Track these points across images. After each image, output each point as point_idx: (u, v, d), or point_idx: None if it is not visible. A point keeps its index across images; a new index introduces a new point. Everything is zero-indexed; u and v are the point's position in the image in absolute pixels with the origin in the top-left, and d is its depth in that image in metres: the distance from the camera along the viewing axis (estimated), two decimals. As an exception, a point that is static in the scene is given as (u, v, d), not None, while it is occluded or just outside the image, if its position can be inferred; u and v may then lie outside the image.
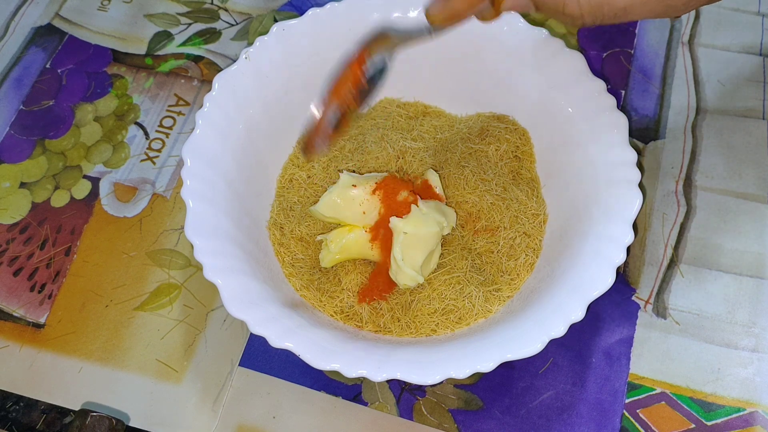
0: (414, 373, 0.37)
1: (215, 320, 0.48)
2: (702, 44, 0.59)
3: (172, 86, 0.58)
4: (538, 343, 0.37)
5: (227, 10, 0.62)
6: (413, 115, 0.51)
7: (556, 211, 0.47)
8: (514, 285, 0.45)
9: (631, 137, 0.43)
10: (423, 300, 0.44)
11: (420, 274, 0.43)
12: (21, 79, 0.58)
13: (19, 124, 0.56)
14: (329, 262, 0.45)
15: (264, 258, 0.45)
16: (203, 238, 0.40)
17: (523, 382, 0.46)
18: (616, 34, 0.59)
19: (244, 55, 0.46)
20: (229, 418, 0.45)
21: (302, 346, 0.38)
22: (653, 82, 0.57)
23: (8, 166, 0.54)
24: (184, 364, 0.47)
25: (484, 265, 0.45)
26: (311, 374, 0.46)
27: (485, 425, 0.45)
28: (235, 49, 0.59)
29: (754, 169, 0.53)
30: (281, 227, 0.47)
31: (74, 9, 0.62)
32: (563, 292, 0.40)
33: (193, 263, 0.50)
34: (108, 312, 0.49)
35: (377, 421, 0.45)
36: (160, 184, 0.54)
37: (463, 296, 0.44)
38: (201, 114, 0.44)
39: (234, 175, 0.45)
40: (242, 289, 0.40)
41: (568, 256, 0.42)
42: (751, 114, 0.55)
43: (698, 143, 0.54)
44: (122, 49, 0.60)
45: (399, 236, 0.42)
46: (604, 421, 0.45)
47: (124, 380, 0.47)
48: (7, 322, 0.49)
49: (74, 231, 0.52)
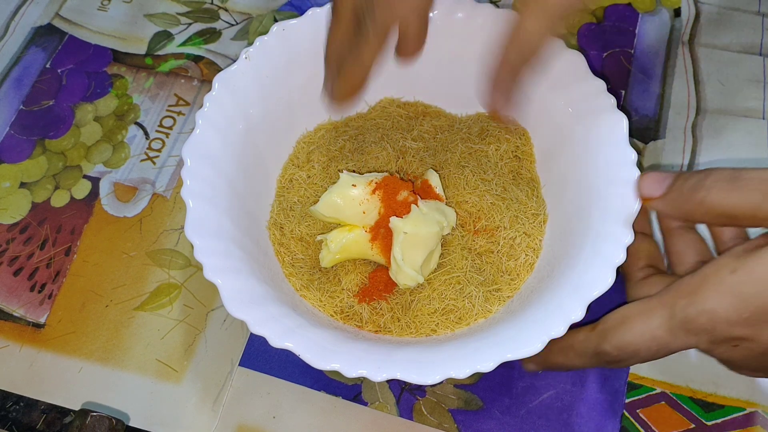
0: (414, 373, 0.37)
1: (215, 320, 0.48)
2: (702, 44, 0.59)
3: (172, 86, 0.58)
4: (538, 343, 0.37)
5: (227, 10, 0.62)
6: (413, 115, 0.51)
7: (556, 211, 0.46)
8: (514, 285, 0.45)
9: (631, 137, 0.43)
10: (423, 300, 0.44)
11: (420, 274, 0.43)
12: (21, 79, 0.58)
13: (19, 124, 0.56)
14: (329, 262, 0.45)
15: (264, 258, 0.45)
16: (203, 238, 0.40)
17: (523, 382, 0.46)
18: (616, 34, 0.59)
19: (244, 55, 0.46)
20: (229, 418, 0.45)
21: (302, 346, 0.38)
22: (653, 82, 0.57)
23: (8, 166, 0.54)
24: (184, 364, 0.47)
25: (484, 265, 0.45)
26: (311, 374, 0.46)
27: (485, 425, 0.45)
28: (235, 49, 0.59)
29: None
30: (281, 227, 0.47)
31: (74, 9, 0.62)
32: (563, 292, 0.39)
33: (193, 263, 0.50)
34: (108, 312, 0.49)
35: (377, 421, 0.45)
36: (160, 184, 0.54)
37: (464, 296, 0.44)
38: (201, 114, 0.44)
39: (234, 175, 0.44)
40: (242, 289, 0.40)
41: (568, 256, 0.42)
42: (751, 114, 0.55)
43: (698, 143, 0.54)
44: (122, 49, 0.60)
45: (399, 236, 0.42)
46: (604, 421, 0.45)
47: (124, 380, 0.47)
48: (7, 322, 0.49)
49: (74, 231, 0.52)
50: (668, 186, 0.38)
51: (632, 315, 0.38)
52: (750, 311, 0.35)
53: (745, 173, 0.36)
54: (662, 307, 0.37)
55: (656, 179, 0.39)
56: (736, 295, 0.35)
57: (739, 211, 0.36)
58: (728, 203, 0.36)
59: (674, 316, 0.36)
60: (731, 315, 0.35)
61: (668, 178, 0.39)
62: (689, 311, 0.36)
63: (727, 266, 0.36)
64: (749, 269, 0.35)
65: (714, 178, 0.37)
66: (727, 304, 0.35)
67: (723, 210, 0.36)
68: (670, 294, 0.37)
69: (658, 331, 0.37)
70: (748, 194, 0.36)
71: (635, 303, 0.39)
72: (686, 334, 0.37)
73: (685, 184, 0.38)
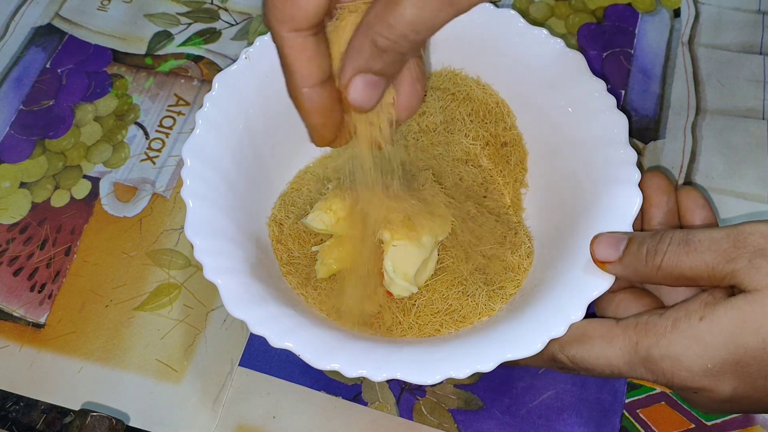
0: (414, 373, 0.37)
1: (215, 320, 0.48)
2: (702, 44, 0.59)
3: (172, 86, 0.58)
4: (538, 343, 0.37)
5: (227, 10, 0.62)
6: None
7: (556, 211, 0.46)
8: (515, 283, 0.45)
9: (631, 137, 0.43)
10: (425, 302, 0.44)
11: (413, 285, 0.43)
12: (21, 79, 0.58)
13: (19, 124, 0.56)
14: (324, 273, 0.44)
15: (264, 257, 0.45)
16: (203, 238, 0.40)
17: (523, 382, 0.46)
18: (616, 34, 0.59)
19: (244, 55, 0.46)
20: (229, 418, 0.45)
21: (302, 346, 0.38)
22: (653, 82, 0.57)
23: (8, 166, 0.54)
24: (184, 364, 0.47)
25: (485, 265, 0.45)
26: (311, 374, 0.46)
27: (485, 425, 0.45)
28: (235, 49, 0.59)
29: (754, 169, 0.53)
30: (280, 224, 0.47)
31: (74, 9, 0.62)
32: (563, 292, 0.39)
33: (193, 263, 0.50)
34: (108, 312, 0.49)
35: (377, 421, 0.45)
36: (160, 184, 0.54)
37: (466, 296, 0.44)
38: (201, 114, 0.44)
39: (234, 175, 0.44)
40: (242, 289, 0.40)
41: (568, 255, 0.42)
42: (751, 114, 0.55)
43: (698, 143, 0.54)
44: (122, 49, 0.60)
45: (389, 248, 0.42)
46: (604, 421, 0.45)
47: (124, 380, 0.47)
48: (7, 322, 0.49)
49: (74, 231, 0.52)
50: (623, 250, 0.38)
51: (593, 335, 0.38)
52: (713, 362, 0.35)
53: (696, 235, 0.36)
54: (626, 339, 0.37)
55: (610, 243, 0.39)
56: (701, 344, 0.35)
57: (696, 274, 0.36)
58: (685, 267, 0.36)
59: (637, 352, 0.37)
60: (694, 364, 0.35)
61: (622, 241, 0.39)
62: (653, 353, 0.36)
63: (697, 313, 0.36)
64: (716, 319, 0.35)
65: (667, 242, 0.37)
66: (691, 352, 0.35)
67: (680, 273, 0.37)
68: (637, 330, 0.37)
69: (616, 361, 0.37)
70: (702, 256, 0.36)
71: (599, 322, 0.39)
72: (646, 371, 0.37)
73: (640, 249, 0.38)
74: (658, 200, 0.43)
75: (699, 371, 0.35)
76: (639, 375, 0.37)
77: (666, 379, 0.36)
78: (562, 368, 0.40)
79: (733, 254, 0.35)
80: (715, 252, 0.36)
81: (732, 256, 0.35)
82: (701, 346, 0.35)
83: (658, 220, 0.43)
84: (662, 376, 0.36)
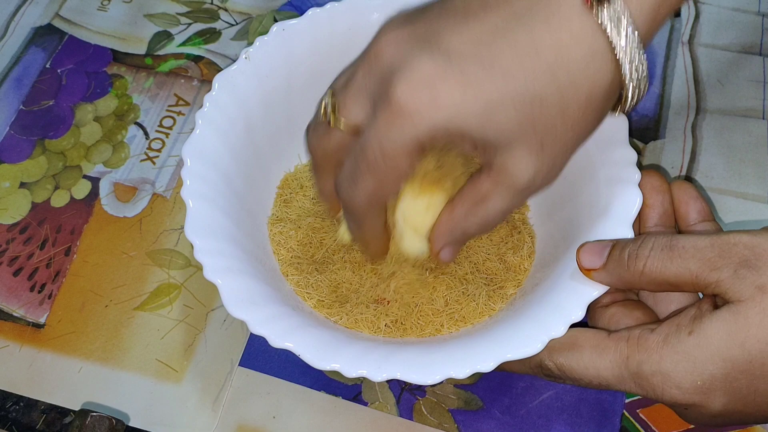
0: (414, 373, 0.37)
1: (215, 320, 0.48)
2: (702, 44, 0.59)
3: (172, 86, 0.58)
4: (538, 343, 0.37)
5: (227, 10, 0.62)
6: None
7: (556, 211, 0.46)
8: (515, 283, 0.45)
9: (631, 137, 0.43)
10: (425, 302, 0.44)
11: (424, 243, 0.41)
12: (21, 79, 0.58)
13: (19, 124, 0.56)
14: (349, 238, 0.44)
15: (264, 257, 0.45)
16: (203, 238, 0.40)
17: (523, 382, 0.46)
18: (616, 34, 0.59)
19: (244, 55, 0.46)
20: (229, 418, 0.45)
21: (302, 346, 0.38)
22: (653, 82, 0.57)
23: (8, 166, 0.54)
24: (184, 364, 0.47)
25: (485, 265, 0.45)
26: (311, 374, 0.46)
27: (485, 425, 0.45)
28: (235, 49, 0.59)
29: (754, 169, 0.53)
30: (280, 224, 0.47)
31: (74, 9, 0.62)
32: (563, 292, 0.39)
33: (193, 263, 0.50)
34: (108, 312, 0.49)
35: (377, 421, 0.45)
36: (160, 184, 0.54)
37: (466, 296, 0.44)
38: (201, 114, 0.44)
39: (234, 175, 0.45)
40: (242, 289, 0.40)
41: (568, 255, 0.42)
42: (751, 114, 0.55)
43: (698, 143, 0.54)
44: (122, 49, 0.60)
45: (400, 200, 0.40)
46: (604, 421, 0.45)
47: (124, 380, 0.47)
48: (7, 322, 0.49)
49: (74, 231, 0.52)
50: (607, 257, 0.38)
51: (584, 344, 0.38)
52: (703, 379, 0.35)
53: (680, 241, 0.36)
54: (617, 352, 0.37)
55: (594, 251, 0.39)
56: (690, 359, 0.35)
57: (680, 280, 0.36)
58: (668, 273, 0.36)
59: (627, 366, 0.36)
60: (684, 381, 0.35)
61: (606, 248, 0.38)
62: (644, 368, 0.36)
63: (686, 327, 0.36)
64: (703, 332, 0.35)
65: (648, 246, 0.37)
66: (681, 369, 0.35)
67: (664, 279, 0.36)
68: (629, 344, 0.37)
69: (605, 373, 0.37)
70: (686, 263, 0.36)
71: (590, 332, 0.39)
72: (636, 386, 0.37)
73: (623, 255, 0.37)
74: (653, 201, 0.43)
75: (689, 388, 0.35)
76: (627, 389, 0.37)
77: (656, 395, 0.36)
78: (548, 376, 0.39)
79: (717, 263, 0.35)
80: (700, 260, 0.35)
81: (717, 266, 0.35)
82: (690, 362, 0.35)
83: (654, 221, 0.43)
84: (652, 392, 0.36)
